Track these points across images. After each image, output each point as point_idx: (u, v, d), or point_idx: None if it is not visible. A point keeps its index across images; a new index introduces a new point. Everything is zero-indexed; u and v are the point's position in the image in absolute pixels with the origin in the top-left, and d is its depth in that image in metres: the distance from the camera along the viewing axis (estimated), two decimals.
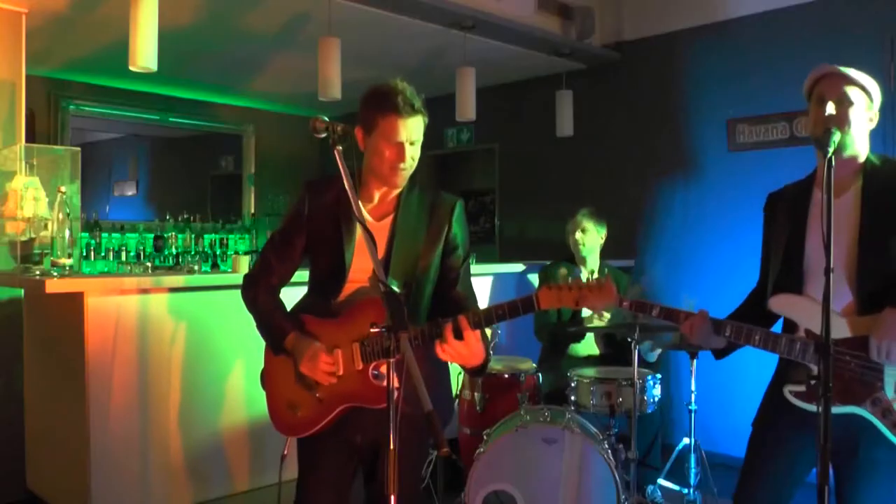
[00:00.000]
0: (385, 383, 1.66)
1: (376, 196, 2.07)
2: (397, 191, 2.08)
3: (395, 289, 1.93)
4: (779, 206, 2.20)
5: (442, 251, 2.07)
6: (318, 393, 2.00)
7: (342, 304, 2.02)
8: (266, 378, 2.15)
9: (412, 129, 1.97)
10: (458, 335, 1.84)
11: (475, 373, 1.98)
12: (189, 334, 3.19)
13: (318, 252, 2.10)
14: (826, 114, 1.98)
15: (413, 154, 2.01)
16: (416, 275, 2.03)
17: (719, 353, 2.22)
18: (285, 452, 2.14)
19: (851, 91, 1.99)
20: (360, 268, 2.00)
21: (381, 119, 1.96)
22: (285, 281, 2.15)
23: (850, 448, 1.96)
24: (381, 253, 2.00)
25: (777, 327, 2.13)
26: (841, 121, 1.97)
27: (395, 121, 1.95)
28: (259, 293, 2.10)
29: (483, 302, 2.10)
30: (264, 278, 2.12)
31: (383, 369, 1.94)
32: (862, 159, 2.05)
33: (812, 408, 1.98)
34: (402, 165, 1.98)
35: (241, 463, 2.98)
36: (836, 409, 1.90)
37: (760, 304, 2.16)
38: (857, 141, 2.02)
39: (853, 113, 1.98)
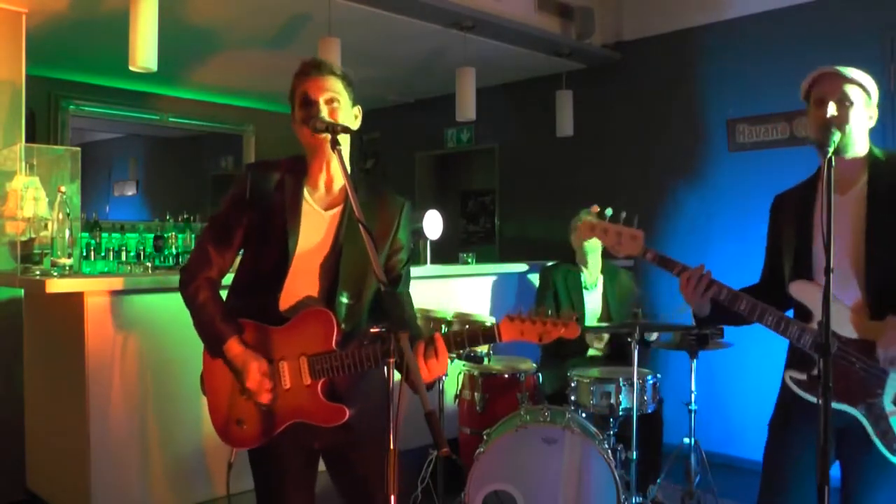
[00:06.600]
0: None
1: (321, 183, 2.00)
2: (342, 182, 1.98)
3: (345, 300, 1.94)
4: (785, 207, 2.20)
5: (387, 253, 2.03)
6: (264, 406, 1.92)
7: (288, 312, 1.94)
8: (207, 384, 2.04)
9: (324, 86, 1.95)
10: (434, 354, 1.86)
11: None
12: (189, 334, 3.14)
13: (256, 242, 1.98)
14: (828, 115, 1.97)
15: (331, 112, 1.93)
16: (364, 275, 1.97)
17: (700, 321, 2.21)
18: (232, 460, 2.02)
19: (851, 90, 1.99)
20: (303, 259, 1.94)
21: (296, 87, 2.00)
22: (224, 272, 2.03)
23: (852, 443, 1.97)
24: (329, 244, 1.96)
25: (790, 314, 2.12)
26: (842, 121, 1.96)
27: (304, 81, 1.98)
28: (199, 291, 1.97)
29: (485, 302, 2.08)
30: (203, 272, 1.98)
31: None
32: (864, 155, 2.04)
33: (810, 398, 1.99)
34: (321, 114, 1.90)
35: (245, 461, 2.97)
36: (835, 405, 1.92)
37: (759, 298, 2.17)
38: (858, 140, 2.02)
39: (853, 113, 1.98)
